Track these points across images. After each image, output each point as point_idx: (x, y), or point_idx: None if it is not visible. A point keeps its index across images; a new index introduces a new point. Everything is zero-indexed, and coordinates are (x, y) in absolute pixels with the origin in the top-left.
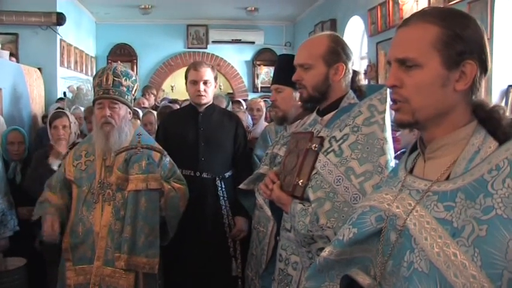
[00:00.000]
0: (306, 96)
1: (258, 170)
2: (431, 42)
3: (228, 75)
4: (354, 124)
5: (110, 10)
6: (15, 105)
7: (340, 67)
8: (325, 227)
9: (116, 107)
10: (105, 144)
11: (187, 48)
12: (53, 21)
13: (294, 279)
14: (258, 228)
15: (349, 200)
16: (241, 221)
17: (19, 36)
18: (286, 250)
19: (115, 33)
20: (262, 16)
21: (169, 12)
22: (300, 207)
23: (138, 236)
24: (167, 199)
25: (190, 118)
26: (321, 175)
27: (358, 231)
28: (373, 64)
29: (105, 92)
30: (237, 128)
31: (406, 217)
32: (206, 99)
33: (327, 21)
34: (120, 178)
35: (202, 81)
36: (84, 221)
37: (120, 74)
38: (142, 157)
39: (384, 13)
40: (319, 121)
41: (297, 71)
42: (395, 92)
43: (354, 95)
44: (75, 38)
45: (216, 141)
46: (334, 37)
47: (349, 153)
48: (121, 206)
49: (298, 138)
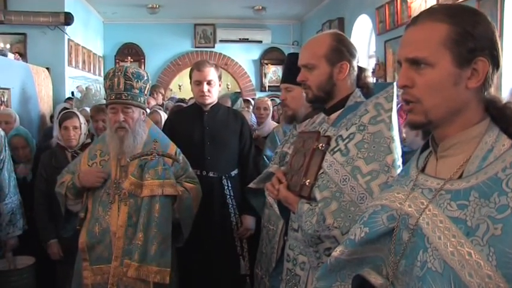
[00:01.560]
0: (311, 96)
1: (268, 169)
2: (441, 40)
3: (236, 75)
4: (360, 123)
5: (117, 10)
6: (24, 104)
7: (344, 66)
8: (331, 227)
9: (129, 111)
10: (119, 148)
11: (194, 48)
12: (61, 21)
13: (302, 279)
14: (267, 227)
15: (356, 200)
16: (248, 220)
17: (27, 36)
18: (293, 250)
19: (123, 32)
20: (270, 15)
21: (176, 12)
22: (307, 207)
23: (150, 243)
24: (180, 201)
25: (195, 117)
26: (328, 175)
27: (370, 230)
28: (381, 63)
29: (117, 96)
30: (242, 127)
31: (418, 216)
32: (210, 99)
33: (335, 20)
34: (134, 184)
35: (206, 82)
36: (101, 221)
37: (131, 76)
38: (159, 162)
39: (392, 11)
40: (326, 120)
41: (301, 72)
42: (407, 93)
43: (360, 93)
44: (83, 38)
45: (221, 140)
46: (336, 35)
47: (355, 153)
48: (133, 212)
49: (305, 138)
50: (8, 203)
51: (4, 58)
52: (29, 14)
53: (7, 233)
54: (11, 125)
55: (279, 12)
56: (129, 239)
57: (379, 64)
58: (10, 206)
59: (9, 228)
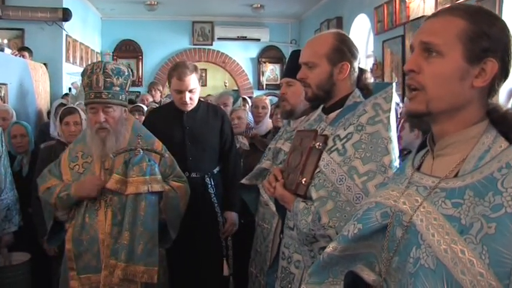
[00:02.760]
0: (310, 94)
1: (261, 165)
2: (456, 33)
3: (233, 72)
4: (358, 123)
5: (115, 6)
6: (21, 100)
7: (345, 66)
8: (327, 226)
9: (110, 110)
10: (102, 150)
11: (192, 45)
12: (59, 16)
13: (296, 277)
14: (262, 225)
15: (352, 200)
16: (232, 215)
17: (25, 32)
18: (289, 248)
19: (120, 29)
20: (268, 13)
21: (174, 9)
22: (303, 206)
23: (136, 243)
24: (167, 200)
25: (175, 117)
26: (324, 174)
27: (363, 227)
28: (379, 62)
29: (97, 95)
30: (223, 124)
31: (412, 213)
32: (192, 105)
33: (333, 19)
34: (118, 182)
35: (188, 91)
36: (88, 228)
37: (111, 73)
38: (143, 158)
39: (390, 11)
40: (324, 119)
41: (302, 69)
42: (412, 78)
43: (359, 94)
44: (80, 34)
45: (202, 139)
46: (339, 35)
47: (352, 152)
48: (118, 211)
49: (303, 136)
50: (4, 199)
51: (1, 53)
52: (27, 10)
53: (3, 229)
54: (8, 121)
55: (278, 11)
56: (114, 239)
57: (377, 64)
58: (6, 201)
59: (5, 224)
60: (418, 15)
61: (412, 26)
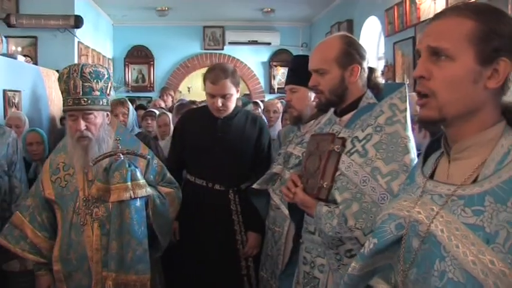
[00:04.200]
0: (324, 100)
1: (271, 170)
2: (465, 35)
3: (245, 77)
4: (377, 124)
5: (127, 12)
6: (35, 107)
7: (355, 68)
8: (353, 228)
9: (91, 117)
10: (84, 159)
11: (203, 50)
12: (70, 24)
13: (321, 281)
14: (273, 229)
15: (377, 200)
16: (253, 237)
17: (38, 39)
18: (311, 253)
19: (132, 35)
20: (279, 17)
21: (185, 14)
22: (326, 210)
23: (125, 251)
24: (154, 207)
25: (208, 121)
26: (346, 176)
27: (378, 241)
28: (390, 65)
29: (75, 102)
30: (261, 135)
31: (429, 223)
32: (226, 112)
33: (344, 22)
34: (100, 189)
35: (220, 96)
36: (75, 246)
37: (89, 77)
38: (123, 164)
39: (401, 13)
40: (337, 122)
41: (313, 77)
42: (422, 84)
43: (372, 95)
44: (92, 40)
45: (234, 149)
46: (346, 38)
47: (374, 153)
48: (106, 220)
49: (319, 140)
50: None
51: (15, 61)
52: (40, 17)
53: None
54: (21, 128)
55: (288, 15)
56: (104, 249)
57: (388, 66)
58: None
59: None
60: (428, 16)
61: (423, 27)
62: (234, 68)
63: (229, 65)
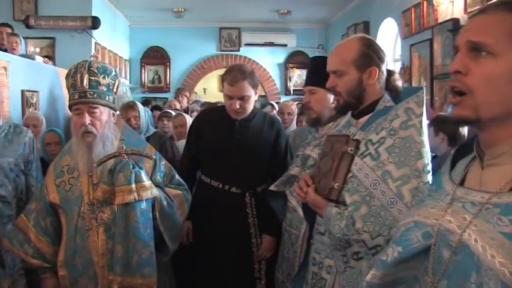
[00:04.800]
0: (342, 102)
1: (289, 172)
2: (510, 32)
3: (261, 78)
4: (391, 127)
5: (144, 14)
6: (52, 107)
7: (373, 71)
8: (361, 231)
9: (97, 111)
10: (88, 158)
11: (219, 51)
12: (88, 25)
13: (328, 283)
14: (290, 231)
15: (386, 204)
16: (268, 240)
17: (56, 40)
18: (320, 254)
19: (148, 36)
20: (295, 19)
21: (202, 15)
22: (336, 211)
23: (131, 254)
24: (161, 209)
25: (225, 123)
26: (357, 178)
27: (404, 249)
28: (407, 67)
29: (81, 95)
30: (278, 137)
31: (461, 232)
32: (243, 114)
33: (360, 24)
34: (106, 192)
35: (238, 98)
36: (81, 251)
37: (96, 71)
38: (126, 165)
39: (418, 15)
40: (354, 124)
41: (330, 78)
42: (458, 80)
43: (389, 98)
44: (109, 41)
45: (252, 151)
46: (365, 40)
47: (386, 157)
48: (111, 222)
49: (333, 141)
50: None
51: (33, 61)
52: (58, 19)
53: None
54: (38, 128)
55: (304, 16)
56: (110, 253)
57: (405, 68)
58: None
59: None
60: (446, 18)
61: (440, 29)
62: (252, 70)
63: (248, 67)
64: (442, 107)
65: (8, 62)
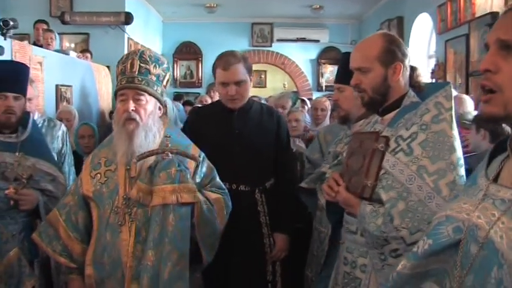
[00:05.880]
0: (367, 99)
1: (320, 169)
2: None
3: (293, 74)
4: (422, 122)
5: (176, 9)
6: (85, 101)
7: (398, 66)
8: (399, 228)
9: (142, 99)
10: (127, 147)
11: (251, 47)
12: (121, 20)
13: (363, 282)
14: (319, 229)
15: (424, 199)
16: (281, 239)
17: (90, 36)
18: (352, 253)
19: (181, 31)
20: (328, 14)
21: (234, 11)
22: (370, 209)
23: (163, 264)
24: (200, 214)
25: (222, 119)
26: (392, 175)
27: (434, 242)
28: (441, 63)
29: (129, 80)
30: (279, 127)
31: (488, 228)
32: (241, 102)
33: (394, 19)
34: (142, 190)
35: (234, 82)
36: (110, 249)
37: (148, 59)
38: (171, 163)
39: (455, 9)
40: (379, 121)
41: (355, 75)
42: (488, 78)
43: (414, 94)
44: (142, 37)
45: (254, 145)
46: (387, 36)
47: (420, 152)
48: (142, 226)
49: (362, 139)
50: None
51: (67, 56)
52: (93, 15)
53: None
54: (71, 122)
55: (337, 11)
56: (137, 259)
57: (439, 65)
58: None
59: None
60: (485, 12)
61: (478, 24)
62: (245, 54)
63: (241, 52)
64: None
65: (43, 57)
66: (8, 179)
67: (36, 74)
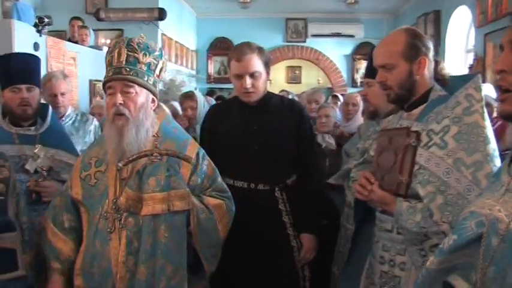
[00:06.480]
0: (393, 96)
1: (348, 165)
2: None
3: (327, 70)
4: (454, 115)
5: (210, 5)
6: None
7: (422, 60)
8: (440, 222)
9: (131, 91)
10: (117, 145)
11: (286, 42)
12: (154, 16)
13: (403, 280)
14: (346, 226)
15: (463, 192)
16: (308, 239)
17: (124, 32)
18: (389, 251)
19: (215, 27)
20: (363, 9)
21: (268, 6)
22: (407, 205)
23: (157, 278)
24: (197, 224)
25: (239, 115)
26: (427, 169)
27: (458, 237)
28: (480, 57)
29: (116, 71)
30: (301, 122)
31: (509, 221)
32: (256, 95)
33: (430, 13)
34: (131, 198)
35: (249, 74)
36: (99, 258)
37: (136, 47)
38: (160, 167)
39: (495, 1)
40: (405, 116)
41: (380, 73)
42: (503, 78)
43: (440, 87)
44: (176, 32)
45: (273, 141)
46: (410, 31)
47: (454, 145)
48: (134, 236)
49: (390, 135)
50: None
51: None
52: (127, 11)
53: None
54: (104, 116)
55: (372, 6)
56: (130, 272)
57: (478, 59)
58: None
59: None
60: None
61: None
62: (261, 47)
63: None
64: None
65: (76, 52)
66: (28, 171)
67: (70, 69)
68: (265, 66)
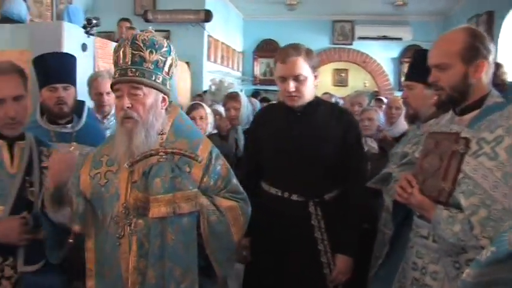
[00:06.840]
0: (444, 98)
1: (387, 170)
2: None
3: (374, 73)
4: (509, 125)
5: (257, 6)
6: None
7: (481, 64)
8: (480, 237)
9: (139, 93)
10: (127, 148)
11: (332, 44)
12: (201, 17)
13: None
14: (383, 231)
15: (508, 208)
16: (342, 260)
17: (171, 33)
18: (422, 258)
19: (261, 28)
20: (411, 11)
21: (315, 8)
22: (446, 214)
23: (167, 282)
24: (208, 225)
25: (282, 119)
26: (473, 180)
27: (497, 249)
28: None
29: (121, 73)
30: (348, 131)
31: None
32: (301, 100)
33: (483, 15)
34: (139, 199)
35: (293, 77)
36: (111, 262)
37: (141, 45)
38: (165, 167)
39: None
40: (456, 121)
41: (433, 72)
42: None
43: (498, 93)
44: (222, 34)
45: (314, 151)
46: (471, 30)
47: (506, 157)
48: (144, 238)
49: (439, 139)
50: None
51: None
52: (174, 13)
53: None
54: None
55: (421, 8)
56: (142, 275)
57: None
58: None
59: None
60: None
61: None
62: (310, 49)
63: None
64: None
65: None
66: None
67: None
68: (312, 70)
